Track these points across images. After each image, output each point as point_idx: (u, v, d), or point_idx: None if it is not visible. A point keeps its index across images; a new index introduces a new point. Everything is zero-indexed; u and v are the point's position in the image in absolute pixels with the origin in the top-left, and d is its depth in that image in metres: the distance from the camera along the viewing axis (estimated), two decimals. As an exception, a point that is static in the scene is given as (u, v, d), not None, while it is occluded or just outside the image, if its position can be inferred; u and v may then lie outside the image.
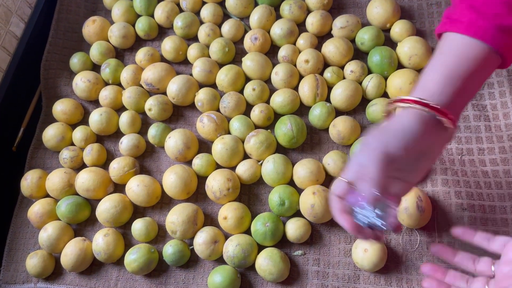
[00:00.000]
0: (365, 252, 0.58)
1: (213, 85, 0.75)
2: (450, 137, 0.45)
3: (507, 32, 0.43)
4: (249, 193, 0.68)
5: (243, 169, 0.66)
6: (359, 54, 0.75)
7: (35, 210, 0.67)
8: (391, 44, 0.75)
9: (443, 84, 0.43)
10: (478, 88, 0.46)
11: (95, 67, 0.81)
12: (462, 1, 0.46)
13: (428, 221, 0.60)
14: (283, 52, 0.74)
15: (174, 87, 0.72)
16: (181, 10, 0.82)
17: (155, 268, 0.64)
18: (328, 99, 0.71)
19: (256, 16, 0.77)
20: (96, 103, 0.78)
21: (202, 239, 0.62)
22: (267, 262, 0.59)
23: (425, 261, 0.59)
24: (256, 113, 0.70)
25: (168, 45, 0.77)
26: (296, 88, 0.73)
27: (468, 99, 0.46)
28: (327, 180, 0.65)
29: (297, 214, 0.64)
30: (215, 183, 0.64)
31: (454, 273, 0.49)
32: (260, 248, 0.62)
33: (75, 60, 0.79)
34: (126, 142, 0.70)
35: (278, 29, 0.75)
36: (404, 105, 0.43)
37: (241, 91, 0.74)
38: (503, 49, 0.44)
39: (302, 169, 0.64)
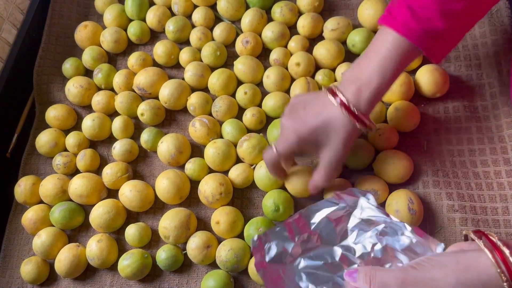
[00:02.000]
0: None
1: (205, 89, 0.75)
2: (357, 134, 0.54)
3: (433, 36, 0.49)
4: (242, 197, 0.68)
5: (236, 173, 0.66)
6: (351, 56, 0.75)
7: (29, 216, 0.68)
8: (383, 45, 0.74)
9: (377, 87, 0.51)
10: (395, 78, 0.53)
11: (88, 72, 0.81)
12: None
13: (420, 223, 0.60)
14: (274, 55, 0.74)
15: (166, 91, 0.72)
16: (172, 14, 0.82)
17: (149, 273, 0.64)
18: (319, 102, 0.71)
19: (247, 19, 0.77)
20: (89, 108, 0.78)
21: (195, 244, 0.62)
22: (259, 266, 0.59)
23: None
24: (248, 116, 0.70)
25: (160, 50, 0.77)
26: (287, 91, 0.73)
27: (386, 87, 0.53)
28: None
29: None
30: (208, 187, 0.64)
31: None
32: (253, 252, 0.62)
33: (68, 66, 0.79)
34: (119, 147, 0.71)
35: (269, 32, 0.75)
36: (331, 98, 0.52)
37: (233, 95, 0.74)
38: (428, 51, 0.51)
39: (296, 178, 0.63)
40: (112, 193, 0.70)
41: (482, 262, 0.38)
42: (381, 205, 0.63)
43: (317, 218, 0.55)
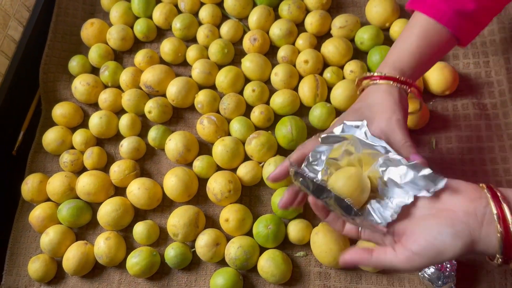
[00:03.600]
0: (367, 253, 0.58)
1: (213, 87, 0.75)
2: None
3: (464, 16, 0.48)
4: (251, 195, 0.68)
5: (245, 171, 0.66)
6: (359, 54, 0.75)
7: (36, 214, 0.67)
8: (391, 43, 0.74)
9: (410, 61, 0.49)
10: (435, 61, 0.54)
11: (94, 70, 0.81)
12: None
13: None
14: (282, 53, 0.74)
15: (174, 89, 0.72)
16: (179, 12, 0.82)
17: (157, 271, 0.64)
18: (328, 100, 0.71)
19: (255, 17, 0.77)
20: (95, 106, 0.78)
21: (203, 242, 0.62)
22: (269, 264, 0.59)
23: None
24: (256, 114, 0.70)
25: (167, 47, 0.77)
26: (296, 89, 0.72)
27: (424, 73, 0.53)
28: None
29: (299, 215, 0.64)
30: (216, 185, 0.64)
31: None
32: (262, 249, 0.62)
33: (74, 63, 0.79)
34: (126, 145, 0.70)
35: (277, 30, 0.75)
36: (378, 81, 0.49)
37: (240, 92, 0.73)
38: (458, 32, 0.49)
39: None
40: (119, 191, 0.70)
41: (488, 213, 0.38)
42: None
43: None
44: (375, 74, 0.49)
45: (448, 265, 0.55)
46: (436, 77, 0.66)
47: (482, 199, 0.38)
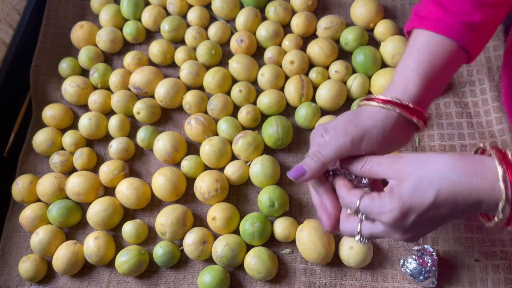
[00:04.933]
0: (351, 249, 0.59)
1: (201, 88, 0.76)
2: (418, 130, 0.46)
3: (472, 28, 0.46)
4: (238, 194, 0.69)
5: (232, 170, 0.67)
6: (344, 54, 0.76)
7: (27, 214, 0.68)
8: (375, 43, 0.76)
9: (418, 82, 0.45)
10: (448, 81, 0.49)
11: (84, 72, 0.82)
12: None
13: (412, 217, 0.61)
14: (269, 54, 0.75)
15: (162, 90, 0.73)
16: (168, 14, 0.83)
17: (146, 270, 0.65)
18: (313, 99, 0.72)
19: (242, 18, 0.78)
20: (85, 107, 0.79)
21: (191, 240, 0.63)
22: (255, 261, 0.60)
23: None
24: (243, 114, 0.71)
25: (155, 49, 0.78)
26: (282, 89, 0.74)
27: (438, 94, 0.48)
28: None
29: (285, 213, 0.65)
30: (204, 184, 0.65)
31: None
32: (249, 247, 0.63)
33: (64, 65, 0.80)
34: (115, 146, 0.71)
35: (263, 31, 0.76)
36: (379, 104, 0.44)
37: (228, 93, 0.74)
38: (469, 45, 0.46)
39: None
40: (109, 191, 0.71)
41: (488, 162, 0.37)
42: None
43: None
44: (377, 96, 0.45)
45: (430, 260, 0.57)
46: (419, 76, 0.68)
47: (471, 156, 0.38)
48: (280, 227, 0.63)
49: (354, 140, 0.43)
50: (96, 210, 0.66)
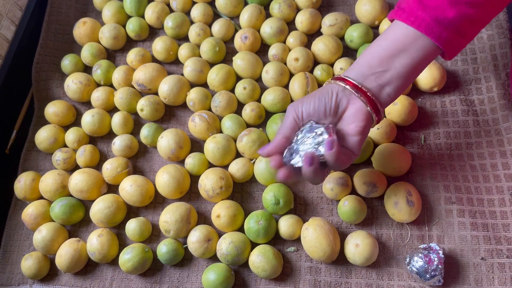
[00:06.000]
0: (356, 247, 0.59)
1: (204, 85, 0.76)
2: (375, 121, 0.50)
3: (443, 24, 0.46)
4: (242, 191, 0.68)
5: (236, 167, 0.67)
6: (349, 52, 0.76)
7: (29, 212, 0.68)
8: (380, 41, 0.75)
9: (377, 69, 0.48)
10: (417, 73, 0.50)
11: (87, 69, 0.81)
12: None
13: (418, 215, 0.61)
14: (273, 51, 0.75)
15: (166, 87, 0.72)
16: (171, 11, 0.83)
17: (150, 267, 0.64)
18: (318, 97, 0.72)
19: (246, 15, 0.77)
20: (88, 104, 0.78)
21: (195, 238, 0.62)
22: (260, 259, 0.60)
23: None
24: (248, 111, 0.70)
25: (159, 46, 0.77)
26: (286, 86, 0.73)
27: (403, 84, 0.49)
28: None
29: (290, 211, 0.65)
30: (208, 181, 0.65)
31: None
32: (253, 245, 0.63)
33: (67, 62, 0.79)
34: (118, 143, 0.71)
35: (268, 28, 0.76)
36: (340, 83, 0.49)
37: (232, 90, 0.74)
38: (440, 41, 0.47)
39: None
40: (112, 188, 0.71)
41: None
42: (380, 198, 0.64)
43: None
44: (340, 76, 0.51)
45: (436, 258, 0.56)
46: (424, 74, 0.67)
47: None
48: (285, 225, 0.62)
49: (298, 114, 0.50)
50: (100, 208, 0.65)
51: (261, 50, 0.78)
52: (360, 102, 0.48)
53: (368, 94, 0.48)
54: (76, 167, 0.73)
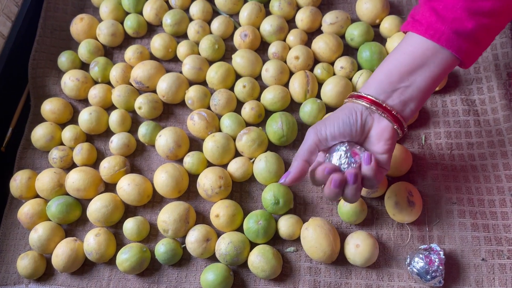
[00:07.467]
0: (356, 248, 0.58)
1: (203, 83, 0.75)
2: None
3: (463, 36, 0.46)
4: (241, 191, 0.68)
5: (235, 167, 0.66)
6: (349, 50, 0.75)
7: (25, 211, 0.67)
8: (381, 39, 0.75)
9: (398, 85, 0.48)
10: (436, 85, 0.50)
11: (84, 66, 0.80)
12: (426, 2, 0.48)
13: (418, 215, 0.60)
14: (273, 49, 0.74)
15: (164, 85, 0.71)
16: (170, 7, 0.82)
17: (148, 267, 0.64)
18: (318, 96, 0.71)
19: (245, 13, 0.76)
20: (85, 102, 0.77)
21: (194, 237, 0.62)
22: (259, 259, 0.59)
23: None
24: (247, 110, 0.70)
25: (157, 43, 0.76)
26: (286, 85, 0.73)
27: (424, 97, 0.49)
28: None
29: (290, 211, 0.64)
30: (207, 181, 0.64)
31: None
32: (253, 245, 0.62)
33: (63, 59, 0.78)
34: (116, 141, 0.70)
35: (267, 26, 0.75)
36: (362, 102, 0.49)
37: (231, 88, 0.73)
38: (460, 53, 0.46)
39: None
40: (109, 187, 0.70)
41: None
42: (381, 198, 0.63)
43: None
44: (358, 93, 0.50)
45: (437, 259, 0.56)
46: (426, 73, 0.67)
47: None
48: (285, 225, 0.62)
49: (321, 138, 0.49)
50: (97, 207, 0.65)
51: (260, 48, 0.77)
52: (385, 121, 0.48)
53: (392, 112, 0.48)
54: (73, 166, 0.72)
